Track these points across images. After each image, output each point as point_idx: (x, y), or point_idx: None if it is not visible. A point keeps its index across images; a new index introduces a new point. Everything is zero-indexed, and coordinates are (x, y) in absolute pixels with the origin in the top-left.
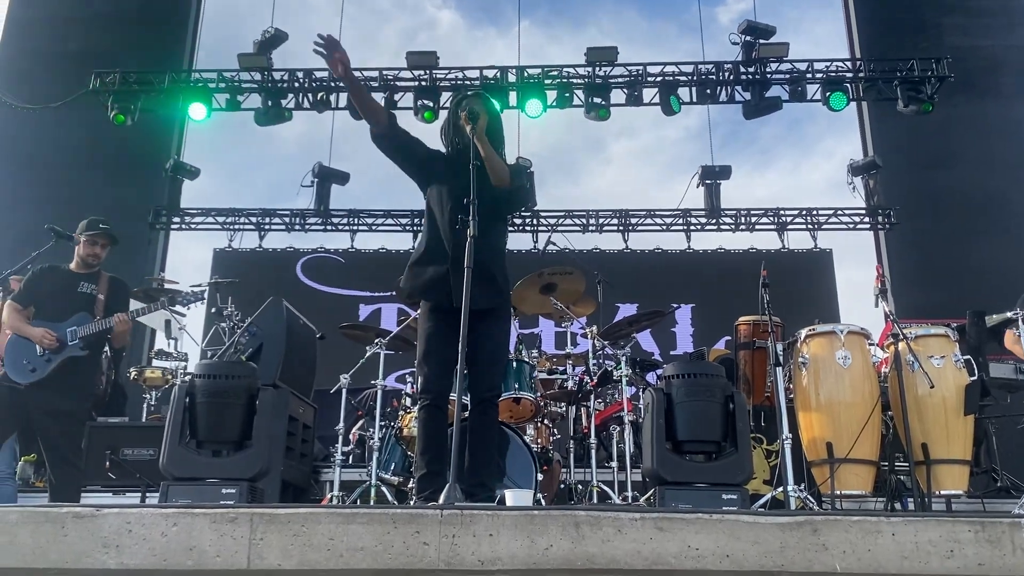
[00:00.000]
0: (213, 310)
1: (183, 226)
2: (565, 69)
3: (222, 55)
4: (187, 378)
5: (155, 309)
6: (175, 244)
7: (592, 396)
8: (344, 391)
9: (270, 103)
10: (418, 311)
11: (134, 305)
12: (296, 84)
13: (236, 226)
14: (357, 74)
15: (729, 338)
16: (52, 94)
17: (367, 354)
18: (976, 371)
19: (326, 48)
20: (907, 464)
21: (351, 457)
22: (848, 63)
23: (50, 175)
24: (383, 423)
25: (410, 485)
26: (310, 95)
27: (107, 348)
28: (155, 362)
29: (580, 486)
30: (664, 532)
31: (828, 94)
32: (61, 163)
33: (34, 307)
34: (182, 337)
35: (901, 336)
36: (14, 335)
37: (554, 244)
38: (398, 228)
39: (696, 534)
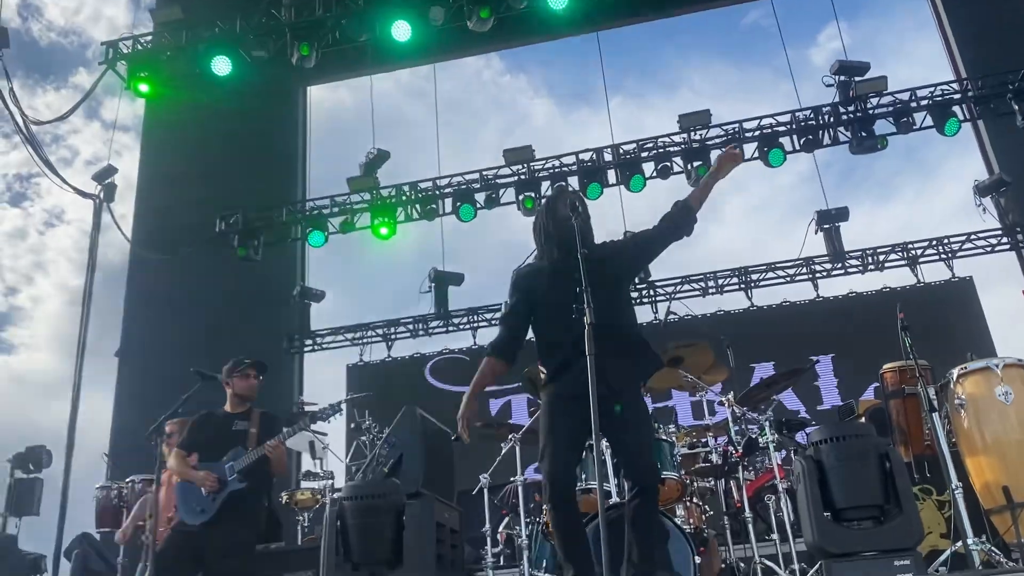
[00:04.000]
0: (352, 425)
1: (315, 347)
2: (660, 139)
3: (333, 180)
4: (336, 498)
5: (298, 431)
6: (310, 365)
7: (740, 467)
8: (485, 490)
9: (382, 219)
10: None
11: None
12: (404, 197)
13: (365, 340)
14: (458, 179)
15: (877, 385)
16: (184, 243)
17: (503, 451)
18: None
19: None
20: None
21: (502, 557)
22: (954, 84)
23: (188, 318)
24: (528, 519)
25: None
26: (418, 206)
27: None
28: (304, 484)
29: (743, 564)
30: None
31: (940, 119)
32: (197, 306)
33: (197, 452)
34: (326, 456)
35: None
36: (182, 481)
37: (674, 313)
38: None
39: None
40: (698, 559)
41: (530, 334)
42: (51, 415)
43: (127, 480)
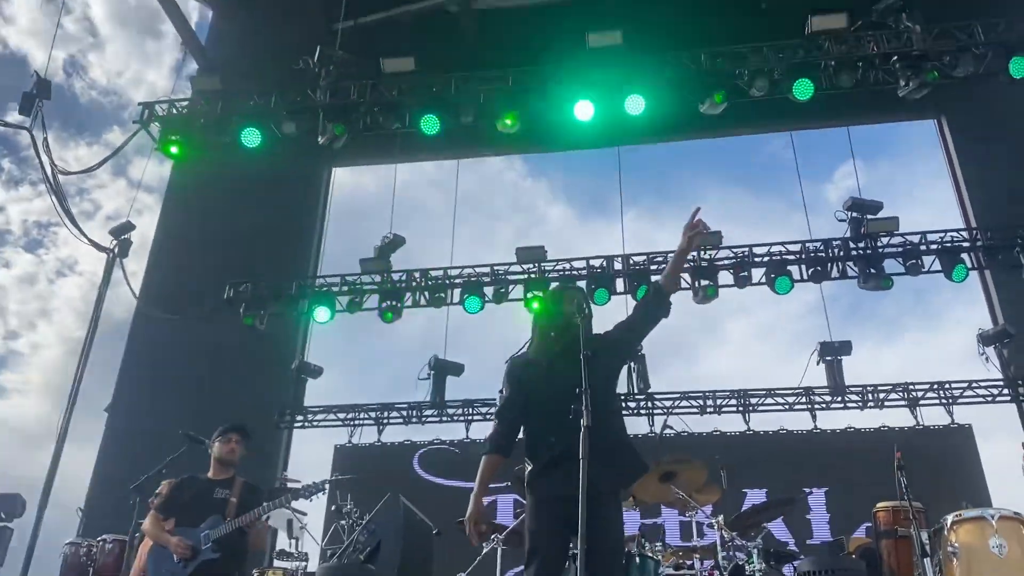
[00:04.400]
0: (333, 508)
1: (306, 424)
2: (670, 254)
3: (345, 262)
4: None
5: (278, 507)
6: (298, 442)
7: None
8: None
9: (389, 302)
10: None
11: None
12: (413, 283)
13: (356, 421)
14: (469, 270)
15: (869, 524)
16: (191, 306)
17: (484, 551)
18: None
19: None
20: None
21: None
22: (964, 232)
23: (185, 383)
24: None
25: None
26: (426, 293)
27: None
28: (276, 562)
29: None
30: None
31: (949, 265)
32: (194, 369)
33: (175, 516)
34: (303, 536)
35: None
36: (155, 544)
37: (671, 428)
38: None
39: None
40: None
41: None
42: (32, 464)
43: (98, 539)
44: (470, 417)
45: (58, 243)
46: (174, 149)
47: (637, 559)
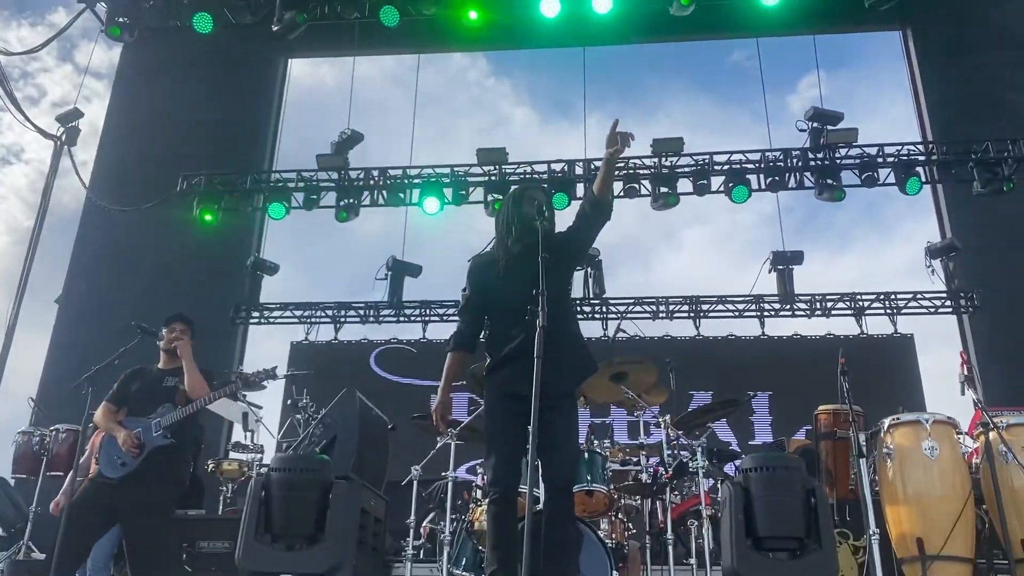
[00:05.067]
0: (289, 402)
1: (262, 320)
2: (632, 160)
3: (301, 158)
4: (263, 471)
5: (228, 393)
6: (254, 338)
7: (668, 489)
8: (415, 483)
9: (347, 200)
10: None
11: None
12: (371, 182)
13: (313, 319)
14: (428, 171)
15: (809, 427)
16: (143, 198)
17: (438, 445)
18: None
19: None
20: (1007, 562)
21: (422, 551)
22: (920, 146)
23: (138, 275)
24: (453, 516)
25: None
26: (385, 192)
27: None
28: (232, 454)
29: None
30: None
31: (903, 178)
32: (149, 263)
33: (126, 406)
34: (259, 429)
35: (992, 425)
36: (107, 434)
37: (624, 331)
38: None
39: None
40: (615, 573)
41: None
42: None
43: (51, 428)
44: (427, 318)
45: (1, 129)
46: (123, 34)
47: (586, 455)
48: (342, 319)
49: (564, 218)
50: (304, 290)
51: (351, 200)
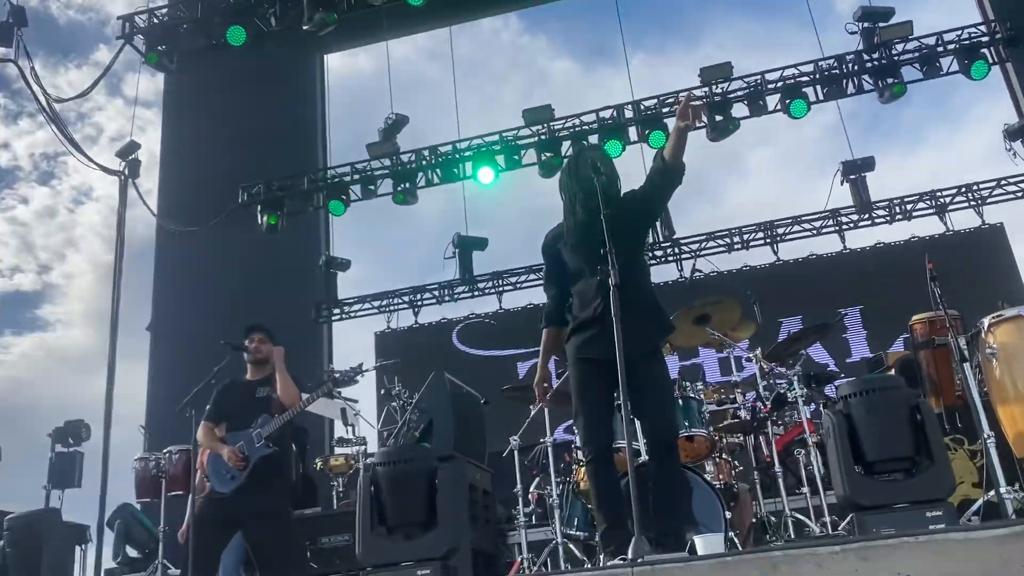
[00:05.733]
0: (382, 392)
1: (343, 316)
2: (682, 94)
3: (354, 150)
4: (369, 463)
5: (321, 394)
6: (338, 334)
7: (769, 422)
8: (516, 452)
9: (403, 184)
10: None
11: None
12: (424, 162)
13: (391, 307)
14: (478, 141)
15: (907, 337)
16: (209, 216)
17: (532, 412)
18: None
19: None
20: None
21: (534, 517)
22: (982, 27)
23: (216, 290)
24: (559, 479)
25: (595, 540)
26: (438, 170)
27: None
28: (337, 450)
29: (773, 518)
30: (869, 562)
31: (967, 64)
32: (224, 278)
33: (225, 421)
34: (358, 422)
35: None
36: (211, 452)
37: (699, 271)
38: (542, 282)
39: (905, 559)
40: (728, 514)
41: None
42: (89, 389)
43: (164, 451)
44: (501, 288)
45: (69, 172)
46: (163, 60)
47: (680, 401)
48: (419, 303)
49: (621, 167)
50: (379, 280)
51: (407, 184)
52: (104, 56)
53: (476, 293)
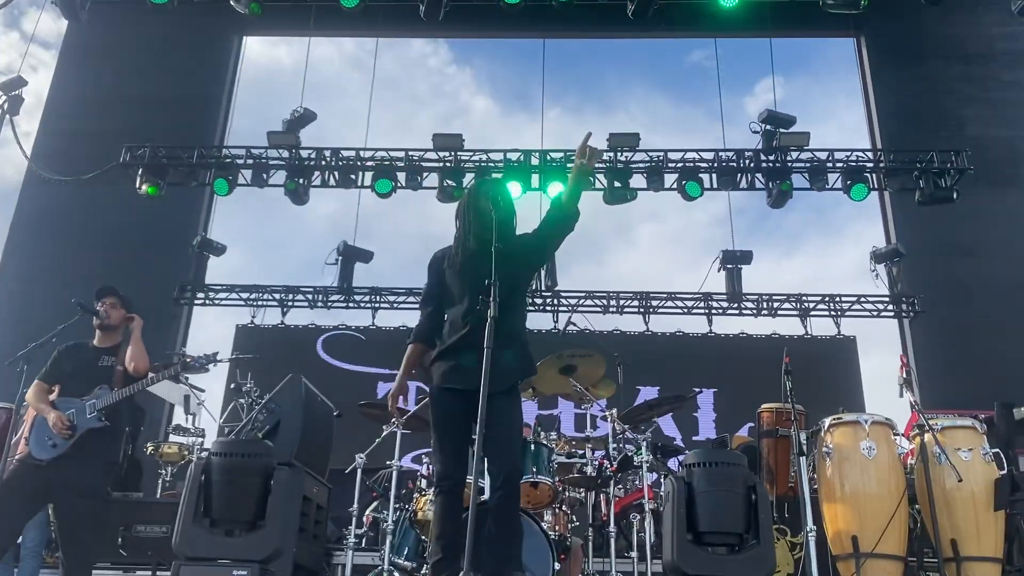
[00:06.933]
0: (232, 386)
1: (207, 302)
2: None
3: (253, 137)
4: (204, 455)
5: (168, 376)
6: (198, 320)
7: (612, 482)
8: (359, 471)
9: (297, 179)
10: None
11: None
12: (323, 162)
13: (260, 303)
14: (383, 154)
15: (752, 424)
16: (87, 171)
17: (384, 433)
18: (1006, 465)
19: None
20: (936, 560)
21: (364, 540)
22: (869, 153)
23: (80, 250)
24: (397, 505)
25: (423, 571)
26: (336, 173)
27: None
28: (172, 437)
29: None
30: None
31: (849, 184)
32: (92, 239)
33: (60, 384)
34: (200, 413)
35: (927, 427)
36: (38, 414)
37: (574, 324)
38: (418, 306)
39: None
40: (558, 565)
41: None
42: None
43: None
44: (377, 304)
45: None
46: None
47: (532, 446)
48: (290, 303)
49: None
50: (252, 272)
51: (301, 180)
52: None
53: (351, 304)
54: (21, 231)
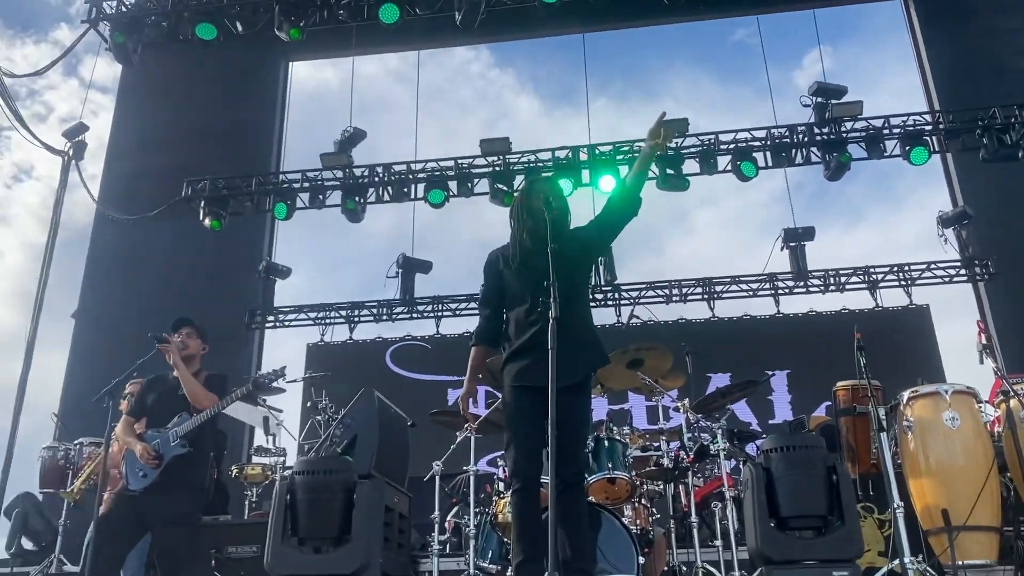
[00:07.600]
0: (308, 404)
1: (277, 324)
2: (637, 143)
3: (308, 159)
4: (287, 475)
5: (239, 396)
6: (270, 343)
7: (690, 472)
8: (437, 478)
9: (353, 198)
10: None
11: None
12: (376, 178)
13: (327, 320)
14: (432, 164)
15: (829, 403)
16: (152, 208)
17: (458, 439)
18: None
19: None
20: None
21: (448, 546)
22: (927, 116)
23: (152, 285)
24: (477, 509)
25: (508, 574)
26: (390, 188)
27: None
28: (255, 459)
29: (684, 568)
30: None
31: (908, 149)
32: (162, 273)
33: (145, 417)
34: (280, 433)
35: (1012, 392)
36: (127, 448)
37: (637, 317)
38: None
39: None
40: (642, 559)
41: None
42: (3, 372)
43: (75, 442)
44: (440, 313)
45: (12, 147)
46: (125, 47)
47: (606, 442)
48: (356, 319)
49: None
50: (318, 292)
51: (357, 198)
52: (64, 35)
53: (415, 315)
54: (95, 272)
